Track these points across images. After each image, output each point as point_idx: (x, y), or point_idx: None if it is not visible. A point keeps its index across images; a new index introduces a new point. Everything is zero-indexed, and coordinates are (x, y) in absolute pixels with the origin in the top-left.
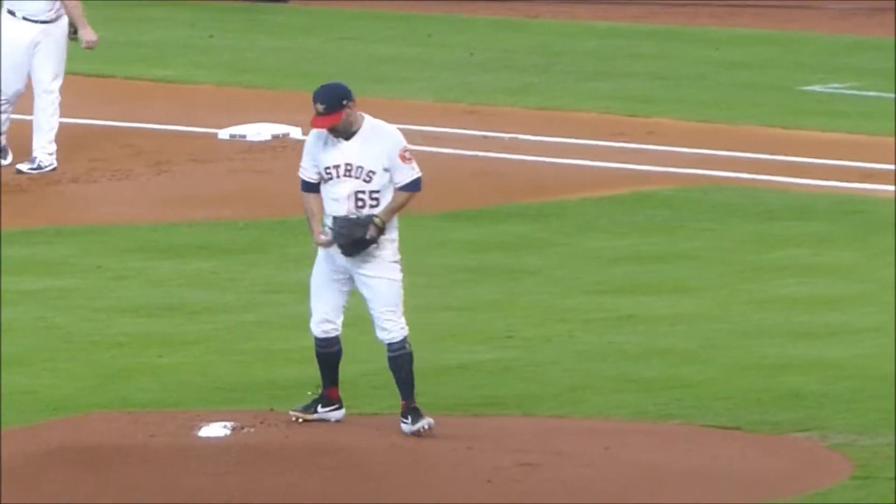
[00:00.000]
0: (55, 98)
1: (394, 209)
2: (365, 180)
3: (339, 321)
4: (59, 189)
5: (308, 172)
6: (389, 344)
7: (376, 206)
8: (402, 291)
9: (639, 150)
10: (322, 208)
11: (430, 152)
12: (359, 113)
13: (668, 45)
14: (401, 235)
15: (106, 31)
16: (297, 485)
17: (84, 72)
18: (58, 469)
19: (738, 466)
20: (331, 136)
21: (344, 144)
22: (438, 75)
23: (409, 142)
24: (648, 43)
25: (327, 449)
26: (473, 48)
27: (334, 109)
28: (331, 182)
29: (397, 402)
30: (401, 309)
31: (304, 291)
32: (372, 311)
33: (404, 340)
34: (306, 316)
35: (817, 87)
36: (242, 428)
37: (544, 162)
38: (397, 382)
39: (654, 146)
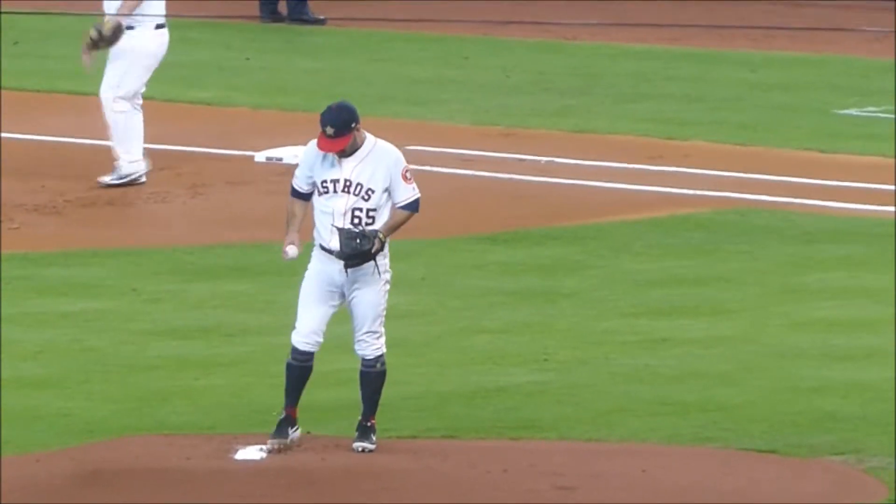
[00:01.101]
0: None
1: (392, 227)
2: (364, 198)
3: (323, 337)
4: (95, 211)
5: (301, 182)
6: (366, 359)
7: (372, 223)
8: (383, 309)
9: (675, 174)
10: (304, 215)
11: (467, 175)
12: (363, 131)
13: (704, 68)
14: (438, 258)
15: None
16: None
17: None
18: (93, 492)
19: (774, 489)
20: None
21: (344, 160)
22: (475, 97)
23: (446, 165)
24: (685, 65)
25: (364, 472)
26: (510, 70)
27: (342, 133)
28: (326, 196)
29: (437, 424)
30: (383, 326)
31: (341, 314)
32: (357, 327)
33: (380, 358)
34: (344, 338)
35: (853, 111)
36: (279, 451)
37: (581, 185)
38: (363, 397)
39: (690, 169)
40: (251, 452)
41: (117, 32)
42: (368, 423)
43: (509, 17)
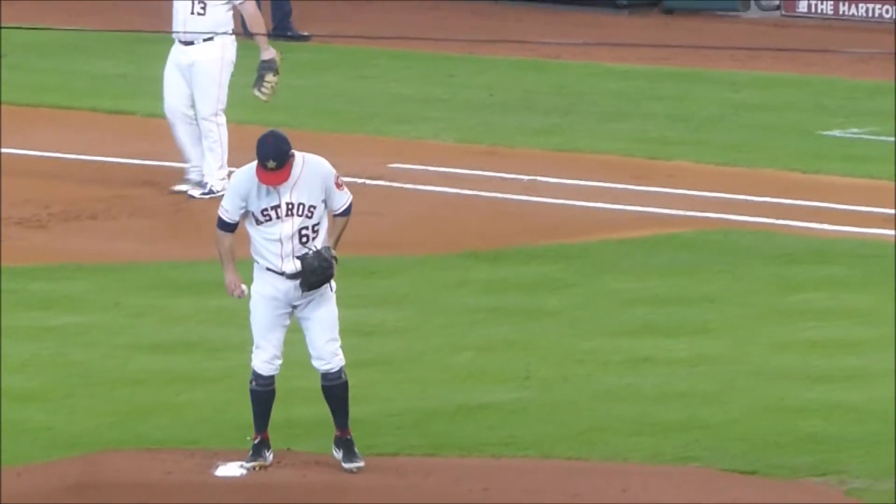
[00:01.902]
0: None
1: (338, 238)
2: (307, 216)
3: (282, 357)
4: (79, 225)
5: (233, 214)
6: (327, 373)
7: (316, 237)
8: (337, 319)
9: (659, 193)
10: (234, 246)
11: (451, 193)
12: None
13: (688, 88)
14: (421, 275)
15: (128, 67)
16: None
17: (106, 108)
18: None
19: None
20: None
21: (281, 186)
22: (459, 115)
23: (430, 183)
24: (669, 85)
25: (345, 489)
26: (494, 89)
27: (283, 164)
28: (268, 223)
29: (419, 442)
30: (338, 337)
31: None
32: (312, 342)
33: (341, 370)
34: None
35: (837, 132)
36: (259, 467)
37: (564, 204)
38: (333, 412)
39: (674, 189)
40: (232, 469)
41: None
42: (348, 437)
43: (494, 36)
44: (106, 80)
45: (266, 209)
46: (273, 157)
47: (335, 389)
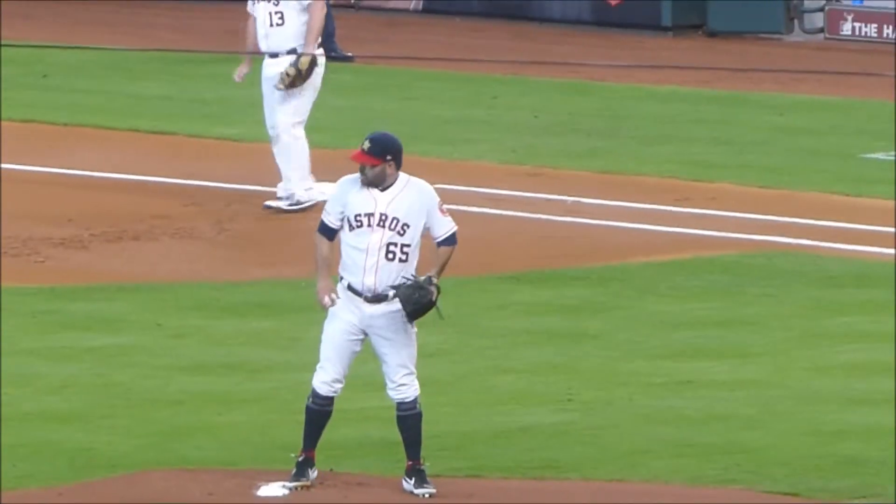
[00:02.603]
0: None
1: (442, 267)
2: (399, 233)
3: (344, 381)
4: (120, 246)
5: (332, 217)
6: (402, 403)
7: (405, 260)
8: (416, 349)
9: (701, 216)
10: (332, 256)
11: (494, 214)
12: (398, 171)
13: (731, 111)
14: (464, 297)
15: (170, 89)
16: None
17: (147, 129)
18: None
19: None
20: (368, 186)
21: (378, 194)
22: (503, 137)
23: (473, 204)
24: (711, 108)
25: None
26: (538, 111)
27: (376, 155)
28: (359, 230)
29: (461, 464)
30: (415, 368)
31: (365, 351)
32: (387, 370)
33: (416, 399)
34: (367, 376)
35: (880, 155)
36: (302, 487)
37: (607, 225)
38: (405, 441)
39: (716, 211)
40: (274, 489)
41: (312, 66)
42: (420, 468)
43: (538, 58)
44: (147, 101)
45: (360, 214)
46: (371, 139)
47: (409, 420)
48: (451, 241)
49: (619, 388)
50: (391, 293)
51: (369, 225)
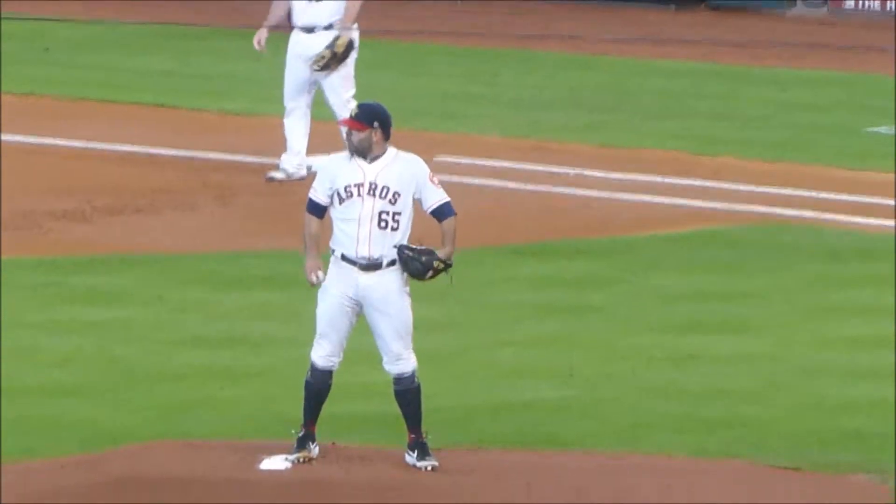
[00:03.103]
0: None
1: (452, 242)
2: (391, 201)
3: (343, 355)
4: (123, 219)
5: (321, 193)
6: (399, 377)
7: (397, 228)
8: (411, 321)
9: (704, 189)
10: (320, 235)
11: (496, 187)
12: (386, 144)
13: (733, 86)
14: (466, 271)
15: (173, 63)
16: None
17: (150, 102)
18: (117, 499)
19: None
20: (354, 158)
21: (366, 165)
22: (506, 112)
23: (477, 176)
24: (714, 83)
25: (388, 485)
26: (541, 85)
27: (362, 120)
28: (349, 202)
29: (463, 437)
30: (411, 340)
31: (366, 324)
32: (383, 344)
33: (414, 373)
34: (368, 350)
35: (882, 129)
36: (305, 458)
37: (610, 199)
38: (405, 415)
39: (719, 184)
40: (277, 462)
41: (349, 49)
42: (422, 441)
43: (541, 32)
44: (149, 76)
45: (350, 185)
46: (359, 105)
47: (408, 394)
48: (445, 211)
49: (621, 362)
50: (385, 261)
51: (359, 195)
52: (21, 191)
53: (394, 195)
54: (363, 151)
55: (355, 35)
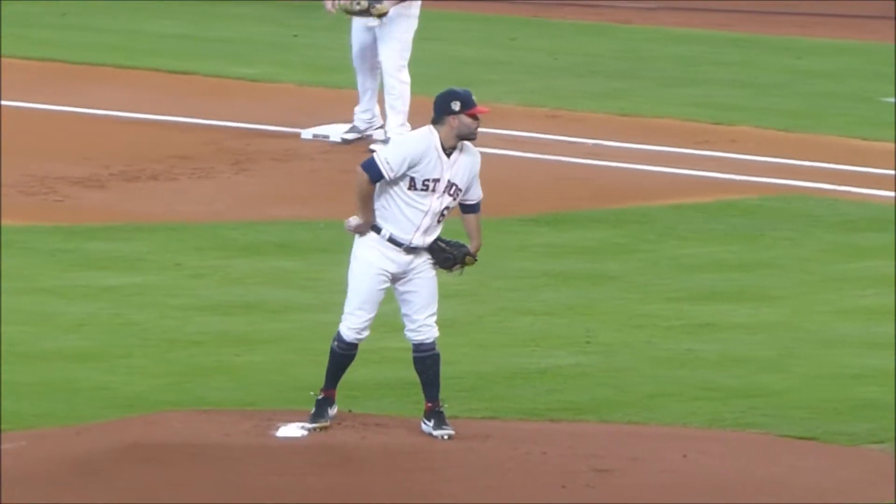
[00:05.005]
0: None
1: (480, 234)
2: (454, 197)
3: (370, 329)
4: (139, 185)
5: (393, 172)
6: (420, 344)
7: (442, 220)
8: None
9: (721, 159)
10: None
11: (512, 156)
12: None
13: (751, 53)
14: (483, 239)
15: (190, 28)
16: (373, 485)
17: (166, 68)
18: (132, 466)
19: (814, 477)
20: (439, 150)
21: (445, 159)
22: (522, 79)
23: (492, 145)
24: (732, 51)
25: (404, 451)
26: (557, 52)
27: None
28: (423, 193)
29: (479, 405)
30: (436, 312)
31: (386, 292)
32: (410, 311)
33: (435, 342)
34: (386, 317)
35: None
36: (320, 428)
37: (627, 168)
38: (423, 383)
39: (736, 154)
40: (292, 430)
41: (381, 16)
42: (439, 409)
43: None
44: (167, 40)
45: (429, 179)
46: (466, 92)
47: (428, 361)
48: (478, 208)
49: (638, 331)
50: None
51: (434, 190)
52: (37, 157)
53: (457, 191)
54: (470, 137)
55: (416, 5)
